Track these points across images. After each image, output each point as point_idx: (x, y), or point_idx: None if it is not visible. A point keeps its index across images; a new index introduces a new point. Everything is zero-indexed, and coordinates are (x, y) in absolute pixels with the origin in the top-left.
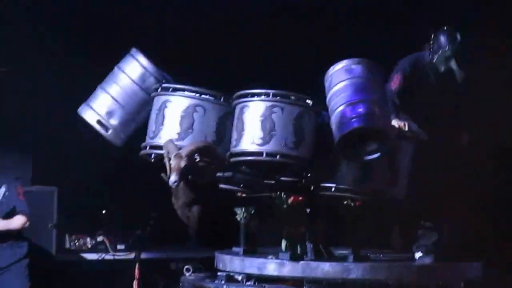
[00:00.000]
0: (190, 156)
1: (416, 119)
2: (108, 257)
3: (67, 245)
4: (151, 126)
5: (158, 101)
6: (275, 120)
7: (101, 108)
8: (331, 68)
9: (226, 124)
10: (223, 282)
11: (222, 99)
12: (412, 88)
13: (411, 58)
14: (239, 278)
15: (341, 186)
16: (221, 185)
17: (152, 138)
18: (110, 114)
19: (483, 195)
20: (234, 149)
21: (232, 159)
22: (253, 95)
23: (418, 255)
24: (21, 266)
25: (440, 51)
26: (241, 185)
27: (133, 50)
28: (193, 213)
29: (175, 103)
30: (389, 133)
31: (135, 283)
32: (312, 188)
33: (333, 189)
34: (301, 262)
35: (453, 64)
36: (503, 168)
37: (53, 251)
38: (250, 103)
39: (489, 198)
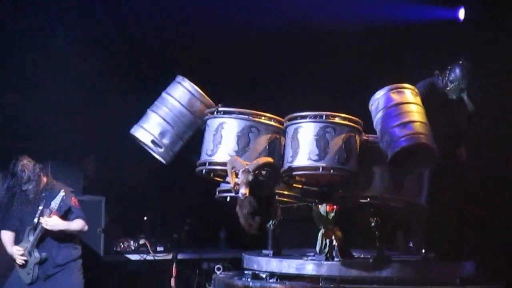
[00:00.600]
0: (257, 171)
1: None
2: (149, 257)
3: (113, 248)
4: (208, 145)
5: (213, 123)
6: (328, 139)
7: (154, 129)
8: (377, 93)
9: (275, 143)
10: (249, 279)
11: (272, 121)
12: (427, 109)
13: (427, 82)
14: (263, 276)
15: (377, 195)
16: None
17: (210, 155)
18: (162, 134)
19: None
20: (291, 165)
21: (294, 173)
22: (305, 117)
23: (431, 255)
24: (76, 264)
25: (456, 82)
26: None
27: (179, 78)
28: (256, 222)
29: (231, 124)
30: (434, 149)
31: (172, 280)
32: (348, 197)
33: (369, 199)
34: (336, 262)
35: (464, 96)
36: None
37: (101, 252)
38: (303, 124)
39: (479, 202)
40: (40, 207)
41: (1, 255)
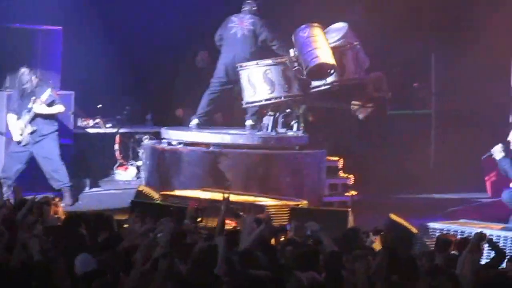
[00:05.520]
0: None
1: None
2: (102, 130)
3: (79, 124)
4: None
5: None
6: None
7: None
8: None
9: None
10: (165, 144)
11: None
12: None
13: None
14: (174, 142)
15: None
16: None
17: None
18: None
19: None
20: None
21: None
22: None
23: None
24: (54, 135)
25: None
26: None
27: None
28: None
29: None
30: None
31: (116, 145)
32: None
33: None
34: (231, 134)
35: None
36: None
37: (71, 126)
38: None
39: None
40: (33, 98)
41: None
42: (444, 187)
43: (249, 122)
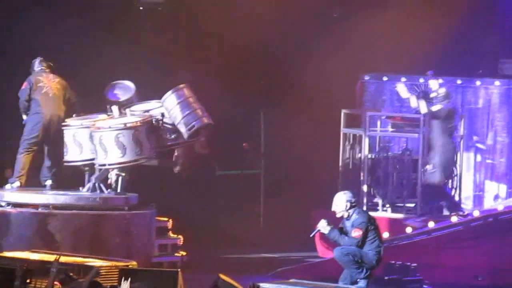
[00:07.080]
0: None
1: None
2: None
3: None
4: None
5: None
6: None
7: None
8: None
9: None
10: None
11: None
12: None
13: None
14: (3, 204)
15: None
16: None
17: None
18: None
19: None
20: None
21: None
22: None
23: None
24: None
25: None
26: None
27: None
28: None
29: None
30: None
31: None
32: None
33: None
34: (57, 194)
35: None
36: None
37: None
38: None
39: None
40: None
41: None
42: (274, 246)
43: (48, 182)
